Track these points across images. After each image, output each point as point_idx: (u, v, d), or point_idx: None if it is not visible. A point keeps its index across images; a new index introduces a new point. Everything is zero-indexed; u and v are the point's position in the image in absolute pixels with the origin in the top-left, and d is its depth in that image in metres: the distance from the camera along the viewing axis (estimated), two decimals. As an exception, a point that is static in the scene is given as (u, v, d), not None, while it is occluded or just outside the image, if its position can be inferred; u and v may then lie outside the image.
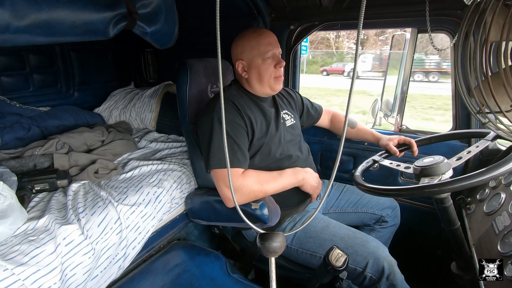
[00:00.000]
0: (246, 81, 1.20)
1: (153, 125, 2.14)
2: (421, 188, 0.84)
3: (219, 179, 1.10)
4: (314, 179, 1.23)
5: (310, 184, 1.21)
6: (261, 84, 1.17)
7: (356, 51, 0.46)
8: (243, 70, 1.17)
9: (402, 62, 1.59)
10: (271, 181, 1.13)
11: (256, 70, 1.15)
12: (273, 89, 1.19)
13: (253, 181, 1.09)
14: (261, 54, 1.13)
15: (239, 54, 1.16)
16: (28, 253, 0.88)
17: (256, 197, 1.11)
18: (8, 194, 0.97)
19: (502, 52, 0.75)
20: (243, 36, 1.16)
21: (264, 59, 1.13)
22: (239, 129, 1.11)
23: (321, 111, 1.55)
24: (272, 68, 1.15)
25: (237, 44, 1.17)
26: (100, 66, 2.46)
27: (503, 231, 0.84)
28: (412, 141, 1.28)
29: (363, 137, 1.49)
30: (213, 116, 1.09)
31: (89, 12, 0.99)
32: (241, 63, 1.16)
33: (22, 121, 1.81)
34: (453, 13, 1.29)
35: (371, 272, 1.06)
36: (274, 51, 1.15)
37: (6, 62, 1.91)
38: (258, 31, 1.15)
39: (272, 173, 1.16)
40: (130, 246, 1.15)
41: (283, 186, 1.16)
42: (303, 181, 1.19)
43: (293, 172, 1.19)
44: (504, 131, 0.89)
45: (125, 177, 1.40)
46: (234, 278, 1.17)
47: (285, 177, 1.16)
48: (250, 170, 1.13)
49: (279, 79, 1.17)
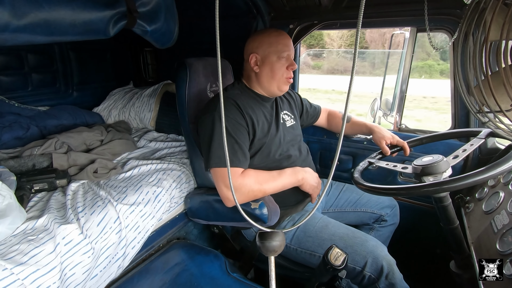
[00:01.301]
0: (256, 76, 1.20)
1: (152, 125, 2.13)
2: (420, 187, 0.84)
3: (219, 178, 1.10)
4: (313, 179, 1.23)
5: (310, 184, 1.21)
6: (271, 81, 1.18)
7: (355, 51, 0.46)
8: (256, 64, 1.18)
9: (401, 61, 1.59)
10: (271, 181, 1.13)
11: (270, 66, 1.16)
12: (280, 89, 1.20)
13: (253, 180, 1.09)
14: (278, 52, 1.14)
15: (255, 48, 1.17)
16: (27, 253, 0.88)
17: (255, 196, 1.11)
18: (7, 193, 0.96)
19: (502, 51, 0.75)
20: (264, 32, 1.18)
21: (279, 57, 1.15)
22: (241, 128, 1.11)
23: (319, 110, 1.57)
24: (285, 68, 1.16)
25: (255, 38, 1.18)
26: (99, 66, 2.45)
27: (501, 230, 0.84)
28: (404, 144, 1.28)
29: (358, 129, 1.50)
30: (215, 114, 1.09)
31: (89, 11, 0.99)
32: (255, 56, 1.17)
33: (21, 121, 1.81)
34: (452, 12, 1.29)
35: (370, 271, 1.06)
36: (290, 53, 1.17)
37: (5, 62, 1.91)
38: (279, 31, 1.18)
39: (272, 173, 1.16)
40: (130, 246, 1.15)
41: (282, 185, 1.16)
42: (302, 181, 1.19)
43: (292, 171, 1.19)
44: (504, 130, 0.89)
45: (124, 177, 1.40)
46: (234, 277, 1.17)
47: (284, 177, 1.16)
48: (250, 170, 1.12)
49: (288, 81, 1.19)
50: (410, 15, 1.39)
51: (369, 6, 1.38)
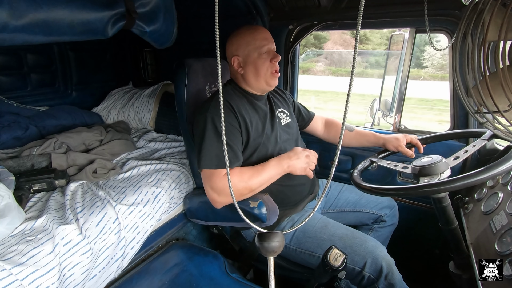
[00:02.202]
0: (242, 77, 1.19)
1: (151, 125, 2.13)
2: (419, 187, 0.84)
3: (205, 180, 1.09)
4: (301, 160, 1.13)
5: (299, 168, 1.13)
6: (257, 79, 1.16)
7: (355, 51, 0.46)
8: (239, 66, 1.17)
9: (401, 62, 1.60)
10: (255, 176, 1.09)
11: (253, 65, 1.14)
12: (269, 84, 1.18)
13: (236, 179, 1.06)
14: (257, 48, 1.13)
15: (234, 50, 1.16)
16: (26, 253, 0.88)
17: (242, 195, 1.09)
18: (5, 194, 0.96)
19: (500, 52, 0.75)
20: (238, 32, 1.16)
21: (260, 53, 1.13)
22: (233, 129, 1.10)
23: (312, 115, 1.52)
24: (268, 62, 1.14)
25: (232, 41, 1.17)
26: (99, 66, 2.45)
27: (500, 231, 0.84)
28: (418, 142, 1.28)
29: (364, 139, 1.43)
30: (207, 115, 1.08)
31: (88, 12, 0.99)
32: (237, 58, 1.16)
33: (20, 121, 1.80)
34: (451, 13, 1.29)
35: (370, 271, 1.06)
36: (270, 46, 1.15)
37: (4, 62, 1.90)
38: (253, 27, 1.16)
39: (256, 167, 1.11)
40: (129, 246, 1.15)
41: (269, 178, 1.11)
42: (289, 169, 1.13)
43: (277, 161, 1.13)
44: (502, 131, 0.89)
45: (123, 177, 1.40)
46: (233, 278, 1.17)
47: (269, 169, 1.11)
48: (234, 169, 1.09)
49: (275, 74, 1.16)
50: (409, 16, 1.40)
51: (369, 7, 1.38)
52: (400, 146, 1.26)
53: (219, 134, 1.06)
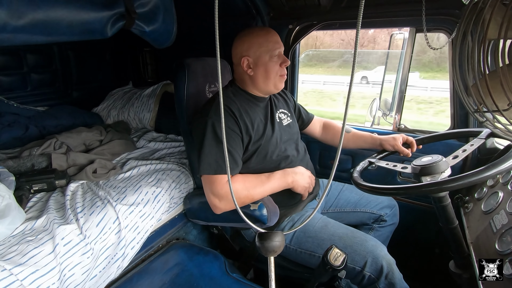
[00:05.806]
0: (250, 78, 1.17)
1: (151, 125, 2.13)
2: (419, 186, 0.84)
3: (206, 185, 1.09)
4: (304, 179, 1.20)
5: (301, 186, 1.19)
6: (266, 81, 1.16)
7: (355, 51, 0.46)
8: (248, 67, 1.15)
9: (401, 62, 1.60)
10: (258, 186, 1.11)
11: (263, 67, 1.14)
12: (277, 87, 1.19)
13: (240, 187, 1.08)
14: (269, 51, 1.12)
15: (244, 51, 1.14)
16: (26, 253, 0.88)
17: (243, 203, 1.11)
18: (5, 194, 0.96)
19: (499, 51, 0.75)
20: (251, 32, 1.15)
21: (271, 56, 1.13)
22: (233, 135, 1.10)
23: (311, 117, 1.52)
24: (278, 66, 1.15)
25: (243, 40, 1.15)
26: (99, 66, 2.45)
27: (500, 230, 0.84)
28: (413, 141, 1.28)
29: (360, 141, 1.42)
30: (207, 120, 1.07)
31: (87, 12, 0.98)
32: (247, 59, 1.14)
33: (20, 121, 1.81)
34: (450, 12, 1.29)
35: (370, 271, 1.06)
36: (281, 50, 1.16)
37: (4, 62, 1.91)
38: (266, 29, 1.16)
39: (260, 177, 1.14)
40: (129, 246, 1.15)
41: (271, 190, 1.15)
42: (292, 184, 1.17)
43: (282, 175, 1.16)
44: (501, 130, 0.89)
45: (123, 177, 1.40)
46: (233, 278, 1.17)
47: (273, 181, 1.14)
48: (238, 175, 1.10)
49: (283, 78, 1.17)
50: (409, 16, 1.39)
51: (369, 6, 1.38)
52: (396, 145, 1.27)
53: (219, 140, 1.06)
